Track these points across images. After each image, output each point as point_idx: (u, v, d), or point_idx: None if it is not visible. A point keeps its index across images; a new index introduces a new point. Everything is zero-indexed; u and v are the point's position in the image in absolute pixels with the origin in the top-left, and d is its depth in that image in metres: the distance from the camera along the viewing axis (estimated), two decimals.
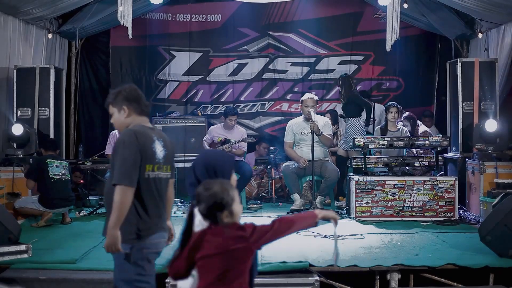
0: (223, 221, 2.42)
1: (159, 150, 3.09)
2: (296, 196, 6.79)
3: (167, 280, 4.09)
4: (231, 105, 8.90)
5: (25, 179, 6.33)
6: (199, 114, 8.93)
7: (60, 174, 6.28)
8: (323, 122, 6.93)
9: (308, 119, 6.79)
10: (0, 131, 7.06)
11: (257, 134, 9.14)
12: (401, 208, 6.28)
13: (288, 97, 9.34)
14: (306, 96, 6.99)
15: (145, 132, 3.06)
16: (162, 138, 3.15)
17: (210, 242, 2.41)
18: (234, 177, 2.82)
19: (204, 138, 7.66)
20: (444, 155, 7.32)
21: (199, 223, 2.55)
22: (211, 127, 7.82)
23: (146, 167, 3.01)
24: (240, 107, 9.21)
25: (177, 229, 5.73)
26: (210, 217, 2.44)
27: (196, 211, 2.50)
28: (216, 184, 2.47)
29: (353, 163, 6.65)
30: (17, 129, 6.84)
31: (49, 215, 6.15)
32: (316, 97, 7.00)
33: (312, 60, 9.30)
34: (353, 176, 6.40)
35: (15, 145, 6.89)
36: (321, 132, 6.75)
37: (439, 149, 6.66)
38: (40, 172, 6.19)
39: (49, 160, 6.26)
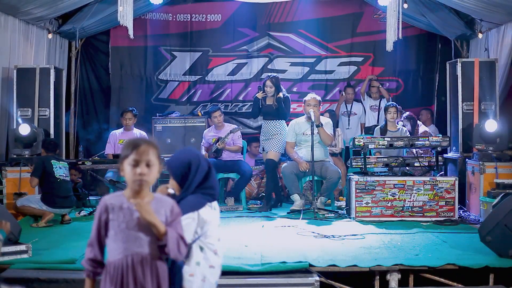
0: None
1: None
2: (296, 197, 6.78)
3: None
4: (229, 104, 8.96)
5: (30, 178, 6.33)
6: (199, 114, 8.93)
7: (64, 175, 6.32)
8: (324, 122, 6.93)
9: (310, 118, 6.79)
10: (2, 131, 7.05)
11: (256, 132, 9.14)
12: (401, 208, 6.28)
13: None
14: (309, 96, 6.98)
15: None
16: None
17: None
18: None
19: (202, 144, 7.66)
20: (444, 155, 7.32)
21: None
22: (204, 131, 7.80)
23: None
24: (239, 106, 9.23)
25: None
26: None
27: None
28: None
29: (353, 163, 6.65)
30: (24, 129, 6.84)
31: (50, 216, 6.14)
32: (318, 98, 6.98)
33: (312, 60, 9.30)
34: (353, 176, 6.40)
35: (21, 144, 6.89)
36: (321, 123, 6.74)
37: (439, 149, 6.65)
38: (45, 171, 6.19)
39: (53, 161, 6.27)
